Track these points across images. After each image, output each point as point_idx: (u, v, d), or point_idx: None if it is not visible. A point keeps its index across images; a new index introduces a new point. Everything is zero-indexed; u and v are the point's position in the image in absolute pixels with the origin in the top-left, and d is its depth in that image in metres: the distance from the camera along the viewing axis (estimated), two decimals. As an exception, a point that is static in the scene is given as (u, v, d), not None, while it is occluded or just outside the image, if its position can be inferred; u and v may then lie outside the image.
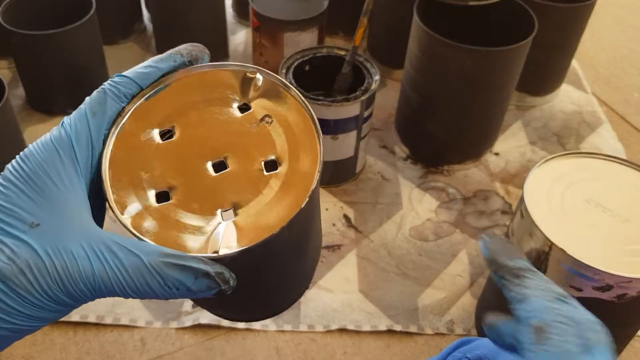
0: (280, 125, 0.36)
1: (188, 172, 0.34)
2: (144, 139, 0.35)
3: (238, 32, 1.42)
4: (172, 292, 0.31)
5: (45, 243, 0.30)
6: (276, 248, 0.34)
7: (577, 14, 1.14)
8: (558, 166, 0.75)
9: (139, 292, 0.30)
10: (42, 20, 1.12)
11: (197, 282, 0.31)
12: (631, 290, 0.64)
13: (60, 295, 0.30)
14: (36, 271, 0.29)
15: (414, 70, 1.03)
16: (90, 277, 0.30)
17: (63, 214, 0.31)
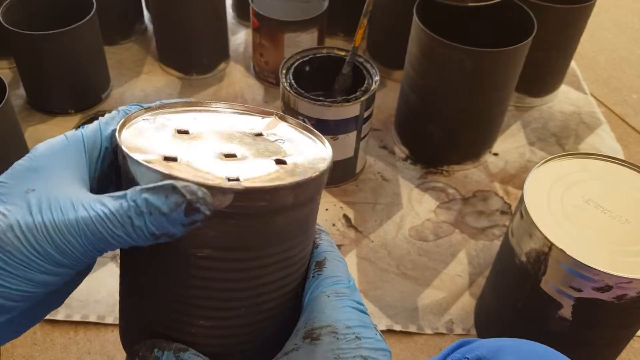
0: (294, 143, 0.38)
1: (198, 151, 0.35)
2: (160, 130, 0.36)
3: (238, 33, 1.42)
4: (148, 219, 0.30)
5: (37, 202, 0.31)
6: (276, 216, 0.33)
7: (576, 15, 1.14)
8: (557, 167, 0.75)
9: (122, 227, 0.30)
10: (43, 21, 1.12)
11: (167, 200, 0.30)
12: (631, 291, 0.64)
13: (47, 249, 0.30)
14: (24, 227, 0.29)
15: (414, 71, 1.03)
16: (75, 224, 0.30)
17: (60, 183, 0.32)
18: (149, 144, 0.34)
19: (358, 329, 0.33)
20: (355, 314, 0.34)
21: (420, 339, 0.86)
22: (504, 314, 0.81)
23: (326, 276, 0.37)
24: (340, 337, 0.32)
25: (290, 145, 0.37)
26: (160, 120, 0.37)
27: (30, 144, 1.00)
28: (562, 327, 0.71)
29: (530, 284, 0.71)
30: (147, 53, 1.35)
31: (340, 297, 0.35)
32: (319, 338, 0.32)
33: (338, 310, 0.34)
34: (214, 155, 0.35)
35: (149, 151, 0.33)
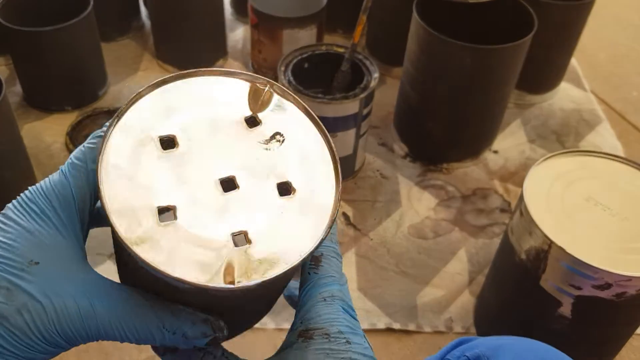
0: (292, 145, 0.33)
1: (194, 188, 0.31)
2: (142, 147, 0.31)
3: (237, 29, 1.42)
4: (168, 336, 0.31)
5: (44, 283, 0.30)
6: (285, 278, 0.32)
7: (577, 13, 1.14)
8: (557, 164, 0.75)
9: (136, 334, 0.31)
10: (40, 17, 1.11)
11: (195, 327, 0.31)
12: (630, 289, 0.64)
13: (54, 337, 0.30)
14: (34, 312, 0.29)
15: (413, 68, 1.03)
16: (90, 319, 0.30)
17: (61, 255, 0.31)
18: (138, 192, 0.30)
19: (349, 334, 0.34)
20: (348, 319, 0.35)
21: (420, 337, 0.85)
22: (503, 312, 0.80)
23: (322, 275, 0.37)
24: (332, 339, 0.33)
25: (289, 148, 0.33)
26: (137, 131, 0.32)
27: (27, 141, 0.99)
28: (561, 325, 0.71)
29: (530, 282, 0.71)
30: (145, 50, 1.34)
31: (334, 300, 0.36)
32: (312, 337, 0.34)
33: (332, 314, 0.35)
34: (211, 181, 0.31)
35: (141, 207, 0.30)
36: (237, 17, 1.45)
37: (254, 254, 0.30)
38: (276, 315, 0.86)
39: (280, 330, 0.84)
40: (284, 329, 0.85)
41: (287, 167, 0.32)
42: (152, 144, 0.31)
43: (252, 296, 0.32)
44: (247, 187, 0.31)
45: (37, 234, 0.31)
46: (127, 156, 0.31)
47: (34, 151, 1.06)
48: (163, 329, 0.31)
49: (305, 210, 0.31)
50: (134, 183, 0.30)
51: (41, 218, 0.31)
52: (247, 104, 0.34)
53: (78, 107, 1.17)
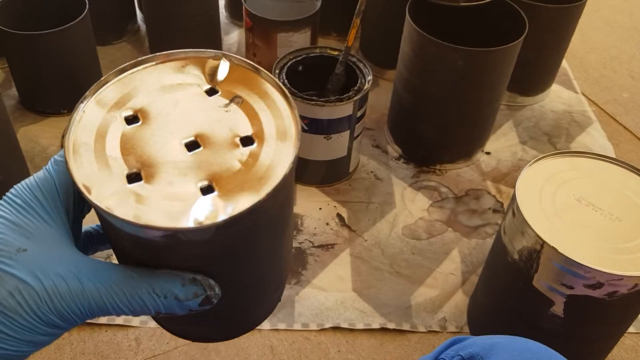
0: (252, 104, 0.35)
1: (158, 152, 0.33)
2: (108, 125, 0.34)
3: (231, 33, 1.42)
4: (160, 301, 0.32)
5: (33, 267, 0.31)
6: (260, 221, 0.33)
7: (568, 15, 1.15)
8: (549, 165, 0.76)
9: (129, 304, 0.31)
10: (36, 21, 1.12)
11: (185, 288, 0.32)
12: (622, 288, 0.65)
13: (50, 316, 0.30)
14: (25, 293, 0.30)
15: (407, 71, 1.04)
16: (80, 295, 0.31)
17: (48, 242, 0.32)
18: (106, 161, 0.32)
19: None
20: None
21: (414, 337, 0.86)
22: (496, 311, 0.81)
23: None
24: None
25: (249, 108, 0.35)
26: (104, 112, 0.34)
27: (23, 144, 0.99)
28: (554, 325, 0.72)
29: (522, 281, 0.72)
30: (140, 53, 1.34)
31: None
32: None
33: None
34: (175, 144, 0.33)
35: (109, 174, 0.32)
36: (231, 20, 1.45)
37: (220, 199, 0.31)
38: (272, 316, 0.86)
39: (276, 330, 0.85)
40: (279, 329, 0.85)
41: (247, 122, 0.34)
42: (117, 122, 0.34)
43: (229, 243, 0.32)
44: (211, 145, 0.33)
45: (22, 225, 0.32)
46: (94, 134, 0.33)
47: (30, 154, 1.07)
48: (153, 294, 0.31)
49: (267, 156, 0.33)
50: (100, 156, 0.32)
51: (26, 210, 0.32)
52: (205, 79, 0.36)
53: (73, 110, 1.17)
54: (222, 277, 0.34)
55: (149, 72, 0.37)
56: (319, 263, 0.94)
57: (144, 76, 0.36)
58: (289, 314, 0.87)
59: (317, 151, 1.00)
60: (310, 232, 0.98)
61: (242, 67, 0.37)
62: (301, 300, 0.89)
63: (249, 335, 0.84)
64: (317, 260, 0.94)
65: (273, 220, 0.35)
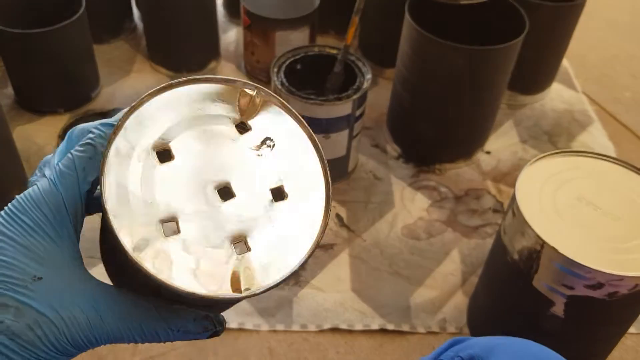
0: (282, 149, 0.34)
1: (193, 199, 0.32)
2: (140, 162, 0.32)
3: (229, 31, 1.42)
4: (173, 335, 0.33)
5: (51, 298, 0.30)
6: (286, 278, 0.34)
7: (568, 13, 1.14)
8: (549, 165, 0.75)
9: (144, 336, 0.32)
10: (32, 19, 1.11)
11: (196, 323, 0.33)
12: (622, 288, 0.64)
13: (66, 347, 0.30)
14: (45, 327, 0.30)
15: (406, 69, 1.03)
16: (99, 328, 0.31)
17: (61, 268, 0.31)
18: (141, 207, 0.31)
19: None
20: None
21: (413, 338, 0.85)
22: (496, 312, 0.80)
23: None
24: None
25: (280, 153, 0.34)
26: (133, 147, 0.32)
27: (19, 144, 0.98)
28: (554, 325, 0.71)
29: (522, 282, 0.71)
30: (137, 51, 1.34)
31: None
32: None
33: None
34: (208, 190, 0.32)
35: (146, 222, 0.31)
36: (229, 18, 1.45)
37: (255, 261, 0.31)
38: (270, 317, 0.86)
39: (274, 332, 0.84)
40: (278, 330, 0.84)
41: (278, 172, 0.33)
42: (149, 159, 0.32)
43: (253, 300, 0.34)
44: (242, 194, 0.33)
45: (33, 248, 0.31)
46: (127, 173, 0.32)
47: (26, 154, 1.06)
48: (168, 329, 0.32)
49: (298, 213, 0.33)
50: (136, 199, 0.31)
51: (35, 231, 0.31)
52: (236, 110, 0.35)
53: (70, 110, 1.16)
54: None
55: (181, 96, 0.34)
56: (318, 264, 0.93)
57: (175, 101, 0.34)
58: (287, 315, 0.86)
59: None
60: (308, 232, 0.98)
61: (271, 102, 0.35)
62: (300, 301, 0.88)
63: (247, 336, 0.83)
64: (316, 261, 0.94)
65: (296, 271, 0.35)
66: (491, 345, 0.49)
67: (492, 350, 0.49)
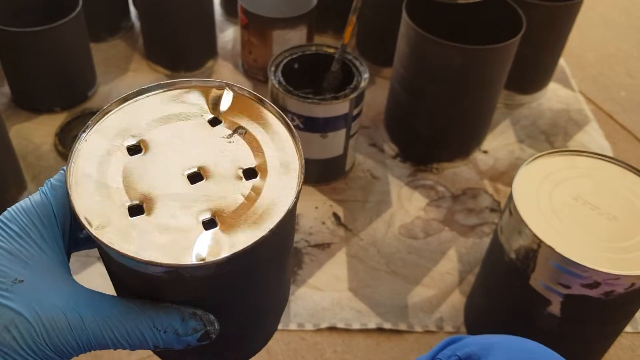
0: (256, 135, 0.35)
1: (161, 184, 0.32)
2: (110, 155, 0.33)
3: (226, 30, 1.42)
4: (160, 335, 0.31)
5: (30, 299, 0.30)
6: (262, 256, 0.33)
7: (565, 13, 1.14)
8: (546, 164, 0.75)
9: (128, 338, 0.31)
10: (29, 18, 1.11)
11: (185, 324, 0.32)
12: (618, 287, 0.64)
13: (45, 351, 0.30)
14: (21, 327, 0.29)
15: (403, 69, 1.03)
16: (79, 328, 0.30)
17: (45, 272, 0.31)
18: (108, 192, 0.32)
19: None
20: None
21: (411, 337, 0.86)
22: (493, 311, 0.81)
23: None
24: None
25: (252, 139, 0.35)
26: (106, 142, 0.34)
27: (15, 143, 0.98)
28: (550, 324, 0.71)
29: (519, 281, 0.71)
30: (134, 50, 1.34)
31: None
32: None
33: None
34: (178, 175, 0.33)
35: (111, 205, 0.31)
36: (227, 17, 1.45)
37: (223, 236, 0.31)
38: (267, 316, 0.86)
39: (271, 330, 0.84)
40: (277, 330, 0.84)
41: (249, 155, 0.34)
42: (119, 152, 0.33)
43: (230, 277, 0.32)
44: (212, 177, 0.33)
45: (18, 253, 0.31)
46: (96, 164, 0.33)
47: (23, 152, 1.06)
48: (154, 328, 0.31)
49: (270, 190, 0.33)
50: (102, 187, 0.32)
51: (21, 237, 0.31)
52: (208, 108, 0.36)
53: (67, 108, 1.16)
54: (222, 311, 0.33)
55: (151, 100, 0.36)
56: (315, 263, 0.93)
57: (147, 105, 0.36)
58: (284, 314, 0.86)
59: (313, 150, 0.99)
60: (306, 231, 0.98)
61: (245, 97, 0.37)
62: (297, 300, 0.88)
63: (243, 335, 0.83)
64: (313, 260, 0.94)
65: (274, 254, 0.35)
66: (488, 343, 0.49)
67: (489, 348, 0.49)
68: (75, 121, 1.13)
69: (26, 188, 0.99)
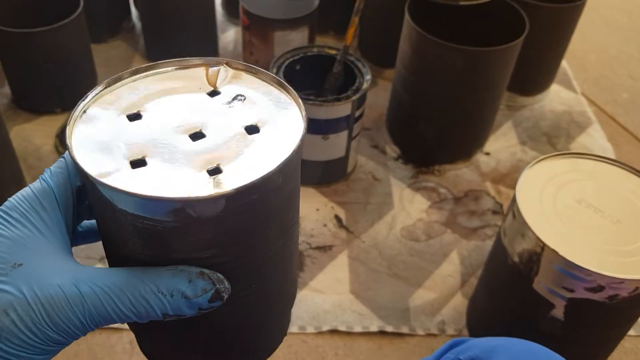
0: (255, 100, 0.36)
1: (163, 142, 0.32)
2: (110, 122, 0.34)
3: (228, 31, 1.41)
4: (167, 300, 0.29)
5: (29, 279, 0.29)
6: (271, 199, 0.32)
7: (568, 15, 1.14)
8: (550, 167, 0.75)
9: (132, 307, 0.29)
10: (29, 18, 1.10)
11: (192, 284, 0.30)
12: (622, 291, 0.64)
13: (47, 332, 0.29)
14: (20, 309, 0.28)
15: (405, 70, 1.03)
16: (79, 303, 0.29)
17: (46, 254, 0.31)
18: (109, 149, 0.32)
19: None
20: None
21: (412, 340, 0.85)
22: (496, 314, 0.80)
23: None
24: None
25: (252, 104, 0.35)
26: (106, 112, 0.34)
27: (16, 143, 0.98)
28: (554, 327, 0.71)
29: (522, 284, 0.71)
30: (135, 51, 1.33)
31: None
32: None
33: None
34: (179, 135, 0.33)
35: (113, 159, 0.31)
36: (228, 18, 1.44)
37: (226, 179, 0.30)
38: (268, 319, 0.85)
39: (272, 333, 0.84)
40: (276, 332, 0.84)
41: (250, 114, 0.35)
42: (119, 119, 0.34)
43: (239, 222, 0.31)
44: (213, 135, 0.33)
45: (18, 239, 0.30)
46: (96, 129, 0.33)
47: (23, 153, 1.05)
48: (159, 294, 0.29)
49: (275, 142, 0.33)
50: (103, 146, 0.32)
51: (22, 224, 0.31)
52: (207, 83, 0.37)
53: (67, 109, 1.16)
54: (232, 273, 0.32)
55: (151, 78, 0.37)
56: (317, 265, 0.93)
57: (147, 81, 0.37)
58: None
59: (315, 151, 0.99)
60: (307, 233, 0.97)
61: (242, 70, 0.38)
62: (298, 303, 0.88)
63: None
64: (315, 262, 0.93)
65: (285, 205, 0.34)
66: (491, 346, 0.49)
67: (492, 351, 0.48)
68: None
69: (26, 189, 0.99)
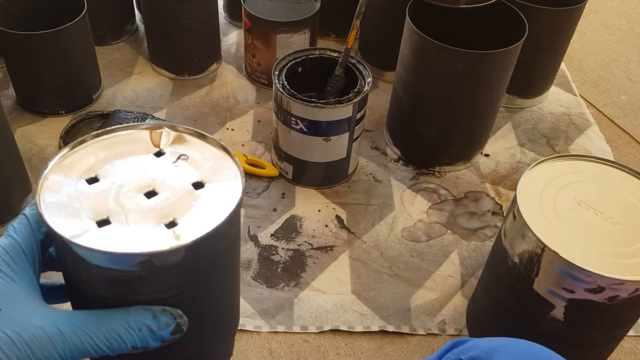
0: (197, 159, 0.42)
1: (122, 203, 0.38)
2: (71, 187, 0.39)
3: (230, 33, 1.42)
4: (135, 334, 0.35)
5: (11, 322, 0.33)
6: (222, 245, 0.38)
7: (567, 17, 1.15)
8: (550, 168, 0.76)
9: (106, 340, 0.34)
10: (33, 20, 1.11)
11: (156, 320, 0.35)
12: (623, 292, 0.65)
13: None
14: (5, 347, 0.32)
15: (406, 72, 1.04)
16: (60, 340, 0.33)
17: (21, 300, 0.35)
18: (76, 212, 0.37)
19: None
20: None
21: (413, 340, 0.86)
22: (496, 315, 0.81)
23: None
24: None
25: (195, 161, 0.42)
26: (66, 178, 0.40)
27: (20, 145, 0.99)
28: (554, 328, 0.72)
29: (522, 285, 0.72)
30: (139, 53, 1.34)
31: None
32: None
33: None
34: (135, 194, 0.39)
35: (80, 220, 0.37)
36: (230, 21, 1.45)
37: (184, 231, 0.37)
38: (271, 319, 0.86)
39: (275, 333, 0.85)
40: (278, 332, 0.85)
41: (194, 172, 0.41)
42: (79, 184, 0.40)
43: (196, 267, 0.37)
44: (164, 192, 0.40)
45: None
46: (60, 194, 0.39)
47: (28, 155, 1.06)
48: (129, 328, 0.34)
49: (220, 193, 0.39)
50: (69, 209, 0.38)
51: None
52: (152, 145, 0.43)
53: (72, 111, 1.16)
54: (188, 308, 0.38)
55: (102, 143, 0.43)
56: (318, 265, 0.94)
57: (98, 146, 0.43)
58: (287, 317, 0.87)
59: (316, 153, 1.00)
60: (309, 234, 0.98)
61: (188, 134, 0.44)
62: (300, 303, 0.88)
63: (247, 337, 0.84)
64: (316, 263, 0.94)
65: (231, 247, 0.41)
66: (492, 346, 0.50)
67: (493, 351, 0.49)
68: (80, 124, 1.14)
69: (31, 190, 0.99)
